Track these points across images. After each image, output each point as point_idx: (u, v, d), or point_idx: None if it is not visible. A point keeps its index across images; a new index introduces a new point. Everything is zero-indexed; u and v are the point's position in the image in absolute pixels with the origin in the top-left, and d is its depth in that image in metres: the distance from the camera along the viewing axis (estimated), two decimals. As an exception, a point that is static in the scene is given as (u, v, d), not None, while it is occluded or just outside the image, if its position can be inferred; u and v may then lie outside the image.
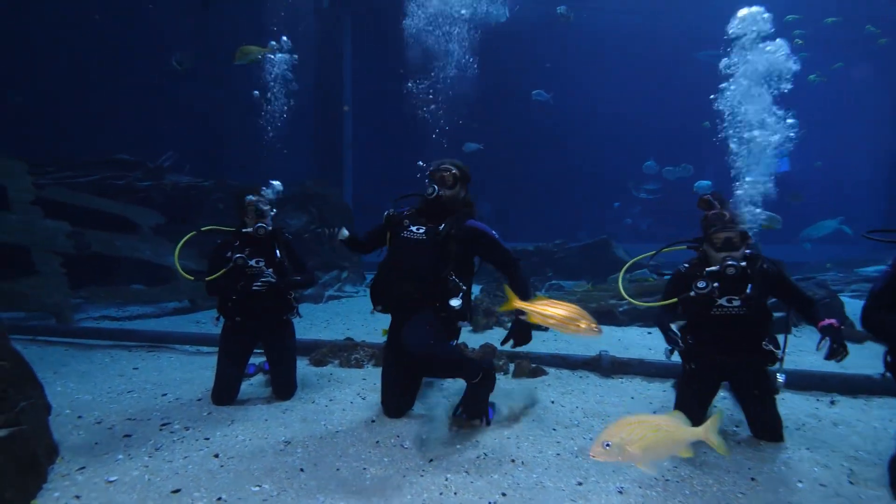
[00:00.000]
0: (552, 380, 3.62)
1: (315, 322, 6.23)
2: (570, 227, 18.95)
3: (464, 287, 2.79)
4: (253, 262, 3.09)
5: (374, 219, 3.14)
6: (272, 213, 3.22)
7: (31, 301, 5.61)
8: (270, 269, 3.14)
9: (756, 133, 2.63)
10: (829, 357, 2.34)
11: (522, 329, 2.57)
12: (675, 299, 2.73)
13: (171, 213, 8.26)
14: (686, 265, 2.69)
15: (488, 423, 2.72)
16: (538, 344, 4.92)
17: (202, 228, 3.41)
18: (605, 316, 6.05)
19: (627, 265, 3.12)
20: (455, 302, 2.71)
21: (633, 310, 5.96)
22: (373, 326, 6.00)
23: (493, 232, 2.85)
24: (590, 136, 19.05)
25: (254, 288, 3.08)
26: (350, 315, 7.01)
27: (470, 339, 5.22)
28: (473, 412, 2.73)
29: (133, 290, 7.05)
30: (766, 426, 2.56)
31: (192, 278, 3.26)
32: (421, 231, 2.83)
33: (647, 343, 4.98)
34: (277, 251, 3.19)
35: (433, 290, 2.74)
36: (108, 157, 8.74)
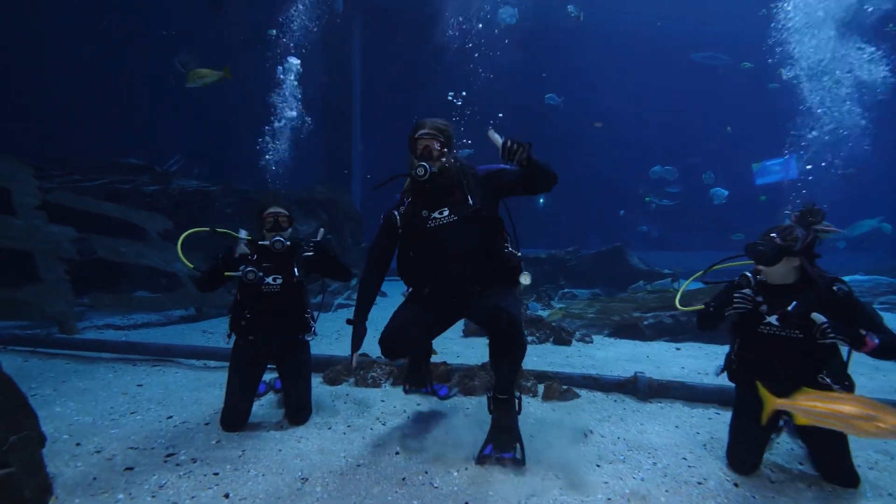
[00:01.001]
0: (585, 404, 3.36)
1: (325, 332, 5.99)
2: (578, 233, 18.68)
3: (519, 254, 2.54)
4: (270, 280, 2.88)
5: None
6: (290, 229, 3.00)
7: (33, 309, 5.41)
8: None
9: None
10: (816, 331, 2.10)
11: (514, 141, 2.18)
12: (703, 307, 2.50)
13: (178, 217, 8.10)
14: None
15: (522, 461, 2.38)
16: (562, 360, 4.66)
17: (217, 229, 3.21)
18: (628, 330, 5.79)
19: (694, 277, 2.84)
20: (526, 279, 2.44)
21: (660, 323, 5.69)
22: (386, 338, 5.76)
23: (500, 165, 2.48)
24: (599, 141, 18.82)
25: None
26: (361, 325, 6.77)
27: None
28: (505, 444, 2.40)
29: (138, 297, 6.86)
30: (836, 471, 2.28)
31: (192, 266, 3.06)
32: (445, 214, 2.46)
33: (679, 361, 4.70)
34: (297, 269, 2.95)
35: (490, 273, 2.47)
36: (115, 161, 8.59)
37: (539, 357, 4.80)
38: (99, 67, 11.54)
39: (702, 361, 4.67)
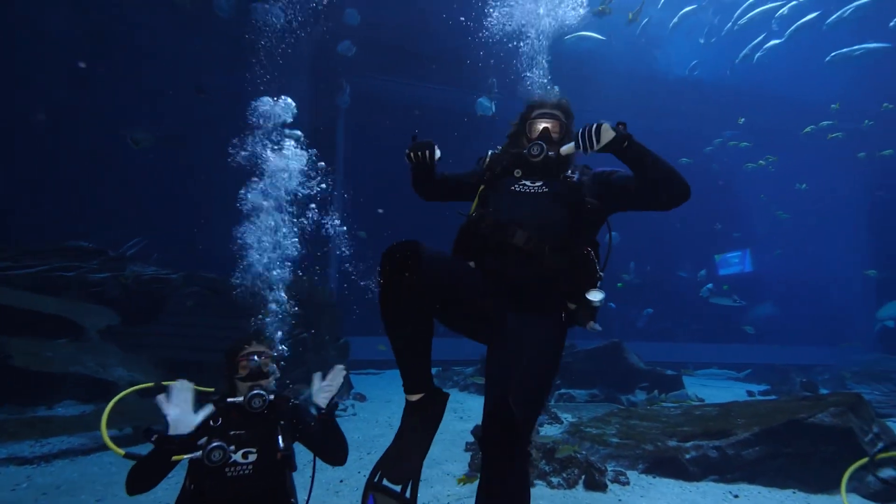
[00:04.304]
0: None
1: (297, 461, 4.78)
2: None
3: (601, 273, 2.01)
4: (239, 457, 1.93)
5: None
6: (276, 374, 2.11)
7: None
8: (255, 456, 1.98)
9: None
10: None
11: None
12: None
13: (130, 309, 7.04)
14: None
15: None
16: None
17: (163, 382, 2.24)
18: (666, 465, 4.81)
19: (859, 465, 2.03)
20: (596, 296, 1.93)
21: (704, 457, 4.77)
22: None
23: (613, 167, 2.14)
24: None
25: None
26: (338, 449, 5.57)
27: None
28: None
29: (57, 418, 5.53)
30: None
31: (123, 453, 2.00)
32: (539, 184, 2.05)
33: (748, 520, 3.74)
34: (280, 436, 2.03)
35: (555, 266, 1.89)
36: (61, 245, 7.56)
37: (574, 515, 3.76)
38: (55, 142, 10.87)
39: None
